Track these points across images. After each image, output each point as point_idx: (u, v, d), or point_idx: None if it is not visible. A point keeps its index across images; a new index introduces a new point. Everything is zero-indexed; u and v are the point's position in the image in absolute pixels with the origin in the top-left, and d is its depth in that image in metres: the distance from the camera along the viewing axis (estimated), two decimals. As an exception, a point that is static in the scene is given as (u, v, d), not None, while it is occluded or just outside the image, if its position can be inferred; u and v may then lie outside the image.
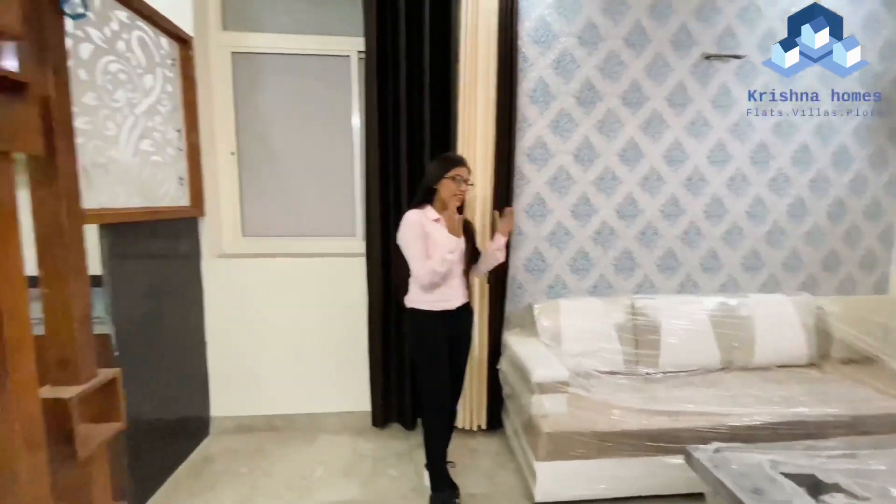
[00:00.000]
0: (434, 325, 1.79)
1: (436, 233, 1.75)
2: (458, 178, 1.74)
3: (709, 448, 1.53)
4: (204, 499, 1.86)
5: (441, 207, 1.80)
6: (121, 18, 1.72)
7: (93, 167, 1.60)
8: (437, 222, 1.77)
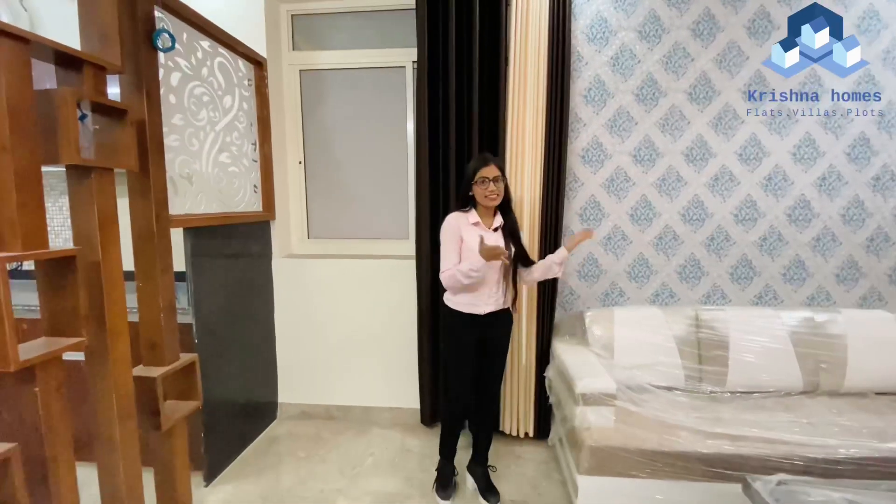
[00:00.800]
0: (462, 327, 1.80)
1: (470, 236, 1.73)
2: (484, 179, 1.71)
3: (772, 479, 1.38)
4: (268, 477, 2.05)
5: (484, 210, 1.79)
6: (204, 47, 1.96)
7: (179, 178, 1.85)
8: (477, 226, 1.76)
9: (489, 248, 1.58)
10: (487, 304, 1.78)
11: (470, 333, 1.81)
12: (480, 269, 1.66)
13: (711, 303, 2.35)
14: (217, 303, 2.11)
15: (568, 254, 1.81)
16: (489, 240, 1.71)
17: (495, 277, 1.77)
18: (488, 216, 1.80)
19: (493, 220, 1.80)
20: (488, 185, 1.71)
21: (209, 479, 2.02)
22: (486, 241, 1.64)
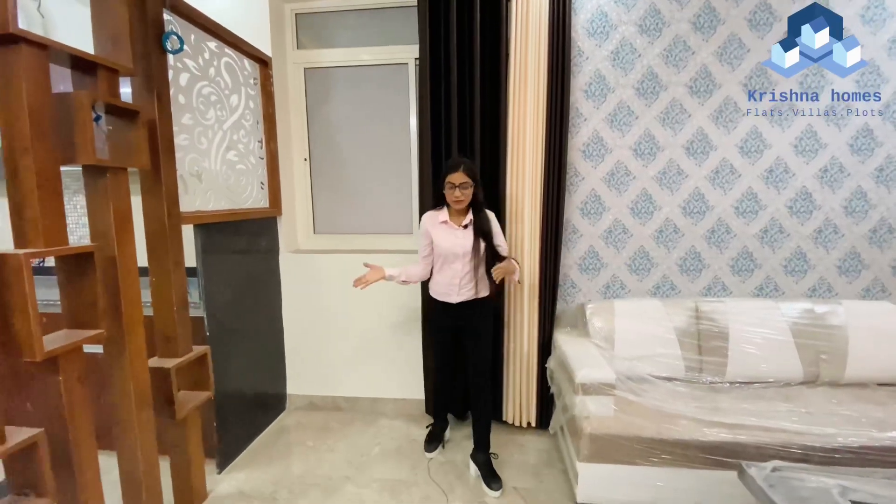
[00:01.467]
0: (437, 313, 2.05)
1: (437, 232, 1.94)
2: (450, 185, 1.85)
3: (766, 465, 1.41)
4: (278, 465, 2.12)
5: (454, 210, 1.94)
6: (211, 48, 2.01)
7: (189, 176, 1.91)
8: (445, 224, 1.94)
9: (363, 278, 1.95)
10: (459, 295, 1.94)
11: (445, 319, 2.03)
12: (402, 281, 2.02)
13: (712, 295, 2.37)
14: (227, 297, 2.18)
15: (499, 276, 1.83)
16: (456, 237, 1.92)
17: (460, 270, 1.92)
18: (459, 214, 1.94)
19: (463, 218, 1.94)
20: (454, 190, 1.85)
21: (222, 466, 2.09)
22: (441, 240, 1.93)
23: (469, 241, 1.90)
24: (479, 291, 1.96)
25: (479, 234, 1.90)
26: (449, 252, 1.92)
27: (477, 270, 1.93)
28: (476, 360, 2.00)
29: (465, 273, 1.92)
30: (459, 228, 1.93)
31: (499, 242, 1.96)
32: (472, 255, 1.90)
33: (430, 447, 2.19)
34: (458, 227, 1.93)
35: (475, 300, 1.96)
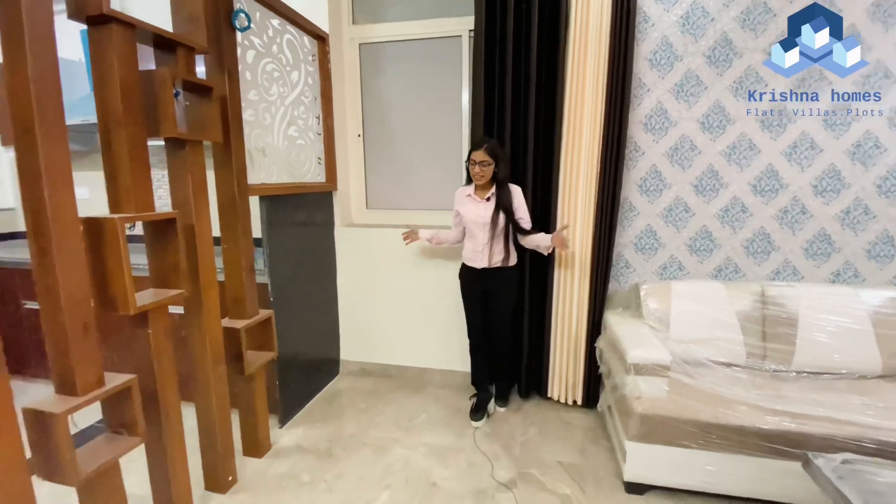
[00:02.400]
0: (464, 277, 2.24)
1: (463, 205, 2.16)
2: (472, 161, 2.04)
3: (836, 457, 1.34)
4: (332, 424, 2.26)
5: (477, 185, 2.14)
6: (274, 25, 2.08)
7: (255, 151, 2.01)
8: (469, 197, 2.15)
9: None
10: (480, 261, 2.13)
11: (471, 283, 2.22)
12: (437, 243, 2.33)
13: (782, 280, 2.22)
14: (288, 266, 2.30)
15: (549, 243, 2.03)
16: (478, 209, 2.11)
17: (483, 238, 2.10)
18: (482, 189, 2.12)
19: (486, 192, 2.11)
20: (475, 167, 2.03)
21: (283, 421, 2.26)
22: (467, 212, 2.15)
23: (489, 212, 2.06)
24: (504, 259, 2.13)
25: (499, 207, 2.06)
26: (472, 222, 2.12)
27: (497, 240, 2.09)
28: (496, 322, 2.23)
29: (486, 241, 2.09)
30: (482, 201, 2.11)
31: (521, 216, 2.10)
32: (491, 225, 2.06)
33: (475, 416, 2.26)
34: (482, 200, 2.11)
35: (500, 268, 2.14)
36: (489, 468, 1.92)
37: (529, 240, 2.11)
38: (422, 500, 1.73)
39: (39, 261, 1.12)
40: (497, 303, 2.21)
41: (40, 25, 1.04)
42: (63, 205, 1.12)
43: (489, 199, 2.09)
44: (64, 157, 1.12)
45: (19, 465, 1.04)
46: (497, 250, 2.11)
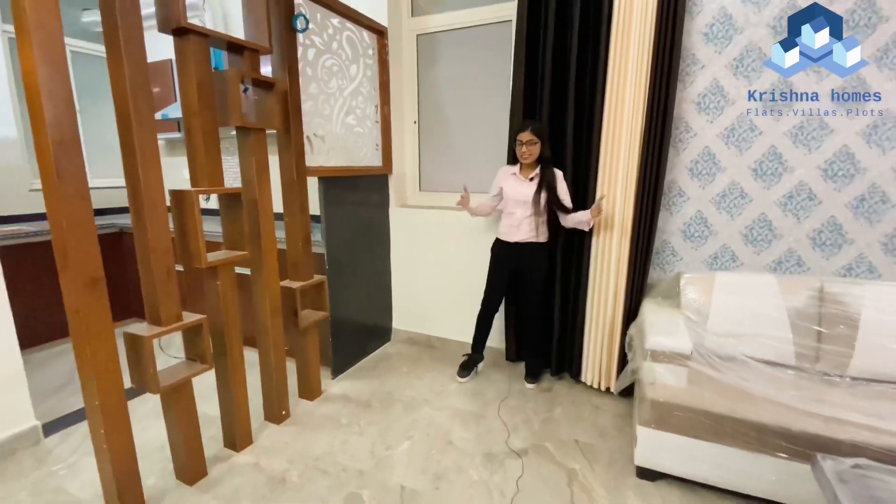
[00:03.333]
0: (499, 249, 2.39)
1: (507, 183, 2.30)
2: (520, 142, 2.17)
3: (847, 461, 1.24)
4: (375, 381, 2.53)
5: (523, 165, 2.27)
6: (334, 24, 2.34)
7: (314, 137, 2.30)
8: (514, 175, 2.29)
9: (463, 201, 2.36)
10: (517, 235, 2.29)
11: (503, 255, 2.36)
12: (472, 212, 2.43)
13: (855, 277, 1.97)
14: (344, 240, 2.60)
15: (589, 216, 2.13)
16: (521, 187, 2.25)
17: (521, 215, 2.26)
18: (528, 169, 2.26)
19: (531, 172, 2.24)
20: (522, 147, 2.17)
21: (334, 374, 2.59)
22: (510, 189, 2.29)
23: (532, 190, 2.22)
24: (537, 236, 2.28)
25: (542, 186, 2.20)
26: (513, 199, 2.27)
27: (535, 217, 2.24)
28: (529, 296, 2.37)
29: (525, 217, 2.25)
30: (526, 181, 2.25)
31: (562, 197, 2.22)
32: (533, 203, 2.21)
33: (462, 373, 2.50)
34: (526, 179, 2.25)
35: (532, 243, 2.29)
36: (505, 436, 2.03)
37: (570, 218, 2.21)
38: (436, 453, 1.91)
39: (136, 221, 1.49)
40: (530, 279, 2.35)
41: (133, 38, 1.36)
42: (152, 179, 1.47)
43: (533, 178, 2.23)
44: (153, 141, 1.46)
45: (114, 367, 1.42)
46: (533, 227, 2.26)
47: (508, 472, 1.79)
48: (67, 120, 1.26)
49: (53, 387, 2.46)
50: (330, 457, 1.88)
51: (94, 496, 1.64)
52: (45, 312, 2.84)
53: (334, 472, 1.80)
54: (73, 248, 1.29)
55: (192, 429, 1.72)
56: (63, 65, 1.24)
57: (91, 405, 1.42)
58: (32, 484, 1.74)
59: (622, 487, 1.72)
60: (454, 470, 1.81)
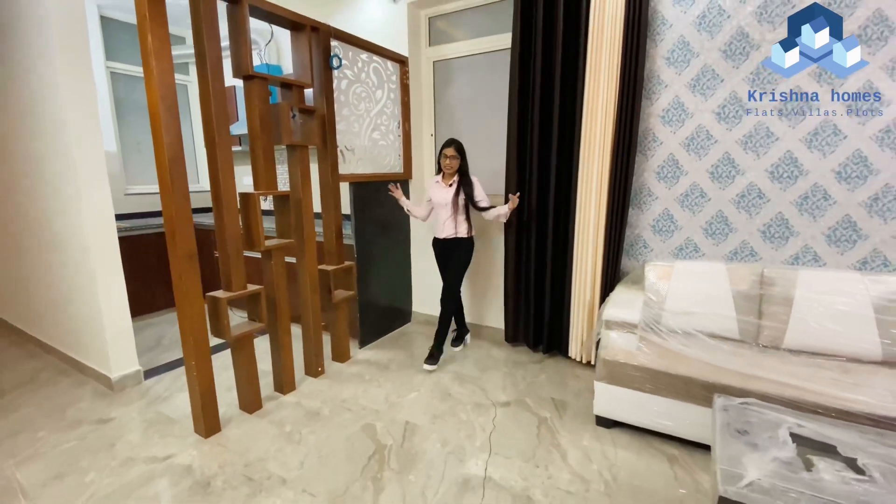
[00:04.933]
0: (435, 246, 2.93)
1: (432, 189, 2.83)
2: (445, 155, 2.70)
3: (737, 399, 1.60)
4: (394, 352, 3.05)
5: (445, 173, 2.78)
6: (362, 58, 2.89)
7: (346, 151, 2.86)
8: (437, 184, 2.81)
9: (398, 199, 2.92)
10: (443, 232, 2.82)
11: (438, 249, 2.92)
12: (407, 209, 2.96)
13: (802, 265, 2.26)
14: (371, 234, 3.14)
15: (507, 211, 2.66)
16: (443, 192, 2.76)
17: (444, 215, 2.78)
18: (449, 177, 2.77)
19: (451, 180, 2.76)
20: (447, 159, 2.70)
21: (361, 345, 3.13)
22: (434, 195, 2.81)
23: (451, 195, 2.73)
24: (457, 232, 2.80)
25: (459, 191, 2.74)
26: (438, 203, 2.78)
27: (456, 216, 2.77)
28: (451, 279, 2.86)
29: (448, 217, 2.77)
30: (447, 187, 2.76)
31: (480, 198, 2.75)
32: (452, 204, 2.73)
33: (430, 361, 2.79)
34: (447, 186, 2.77)
35: (455, 238, 2.81)
36: (493, 393, 2.48)
37: (489, 214, 2.73)
38: (437, 401, 2.39)
39: (217, 216, 2.08)
40: (454, 264, 2.84)
41: (216, 78, 1.95)
42: (227, 183, 2.05)
43: (452, 185, 2.75)
44: (229, 157, 2.05)
45: (201, 318, 2.02)
46: (454, 224, 2.77)
47: (490, 416, 2.24)
48: (176, 144, 1.86)
49: (147, 347, 3.16)
50: (353, 400, 2.41)
51: (184, 416, 2.25)
52: (137, 293, 3.58)
53: (356, 409, 2.32)
54: (179, 232, 1.89)
55: (252, 371, 2.29)
56: (175, 108, 1.84)
57: (187, 343, 2.01)
58: (139, 409, 2.38)
59: (582, 431, 2.12)
60: (448, 413, 2.28)
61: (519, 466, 1.88)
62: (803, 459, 1.28)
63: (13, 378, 2.75)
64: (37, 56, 2.40)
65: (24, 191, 2.86)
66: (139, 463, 1.93)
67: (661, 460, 1.91)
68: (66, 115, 2.31)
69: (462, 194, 2.73)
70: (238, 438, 2.10)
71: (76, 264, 2.58)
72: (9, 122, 2.80)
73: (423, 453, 1.97)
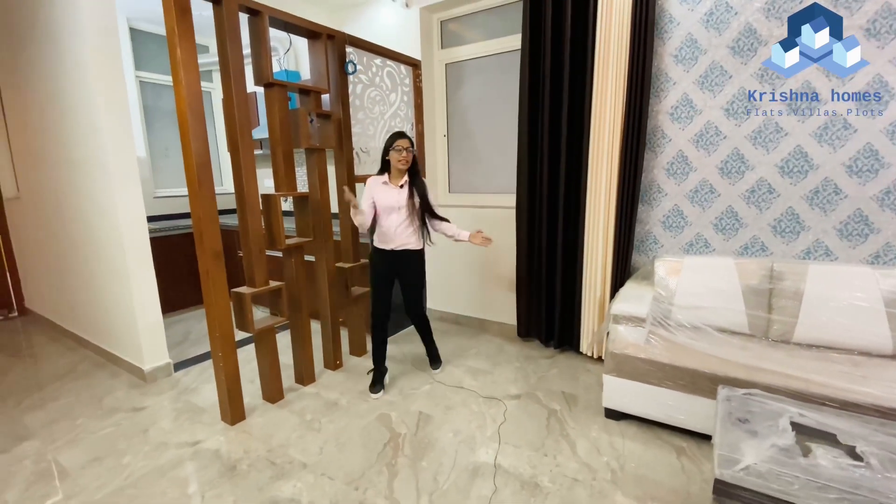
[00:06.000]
0: (376, 259, 2.48)
1: (378, 193, 2.37)
2: (398, 148, 2.30)
3: (741, 390, 1.63)
4: (408, 346, 3.14)
5: (395, 173, 2.38)
6: (377, 63, 2.99)
7: (361, 152, 2.96)
8: (384, 185, 2.38)
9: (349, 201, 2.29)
10: (392, 243, 2.41)
11: (383, 264, 2.46)
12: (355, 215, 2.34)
13: (814, 259, 2.26)
14: (385, 232, 3.23)
15: (466, 240, 2.43)
16: (394, 194, 2.36)
17: (396, 221, 2.38)
18: (398, 177, 2.38)
19: (401, 179, 2.38)
20: (401, 152, 2.31)
21: (377, 340, 3.23)
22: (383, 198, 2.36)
23: (404, 197, 2.36)
24: (412, 242, 2.43)
25: (413, 192, 2.38)
26: (387, 206, 2.36)
27: (409, 223, 2.39)
28: (412, 297, 2.53)
29: (400, 223, 2.38)
30: (397, 188, 2.37)
31: (432, 202, 2.45)
32: (408, 207, 2.36)
33: (375, 388, 2.47)
34: (396, 186, 2.38)
35: (408, 250, 2.43)
36: (505, 387, 2.54)
37: (439, 224, 2.47)
38: (450, 394, 2.47)
39: (241, 216, 2.20)
40: (409, 282, 2.49)
41: (239, 86, 2.07)
42: (250, 186, 2.17)
43: (403, 186, 2.37)
44: (252, 160, 2.17)
45: (227, 312, 2.14)
46: (408, 233, 2.40)
47: (501, 408, 2.31)
48: (203, 150, 1.99)
49: (175, 341, 3.33)
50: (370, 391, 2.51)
51: (211, 405, 2.39)
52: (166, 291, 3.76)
53: (372, 400, 2.42)
54: (206, 231, 2.02)
55: (274, 363, 2.41)
56: (202, 115, 1.97)
57: (214, 337, 2.14)
58: (170, 398, 2.53)
59: (591, 423, 2.17)
60: (460, 404, 2.36)
61: (528, 455, 1.94)
62: (801, 446, 1.32)
63: (53, 370, 2.94)
64: (73, 65, 2.57)
65: (61, 193, 3.06)
66: (171, 447, 2.07)
67: (669, 451, 1.95)
68: (100, 121, 2.48)
69: (416, 197, 2.38)
70: (262, 426, 2.22)
71: (110, 263, 2.76)
72: (49, 128, 3.00)
73: (435, 442, 2.05)
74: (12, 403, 2.53)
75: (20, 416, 2.39)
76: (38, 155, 3.23)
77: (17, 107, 3.36)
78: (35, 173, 3.37)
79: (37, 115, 3.10)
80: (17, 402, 2.54)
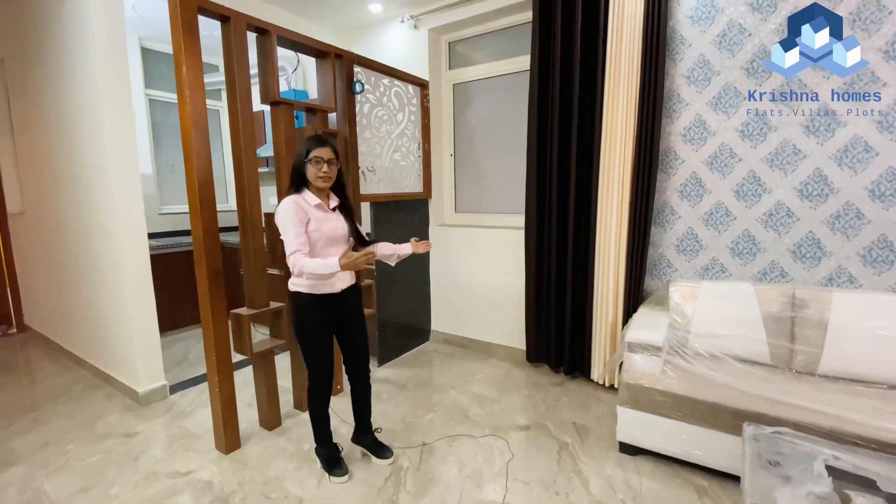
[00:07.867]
0: (316, 310, 1.76)
1: (318, 218, 1.73)
2: (318, 159, 1.70)
3: (768, 427, 1.53)
4: (412, 371, 3.03)
5: (317, 190, 1.77)
6: (384, 83, 2.97)
7: (367, 171, 2.92)
8: (319, 207, 1.74)
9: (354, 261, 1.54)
10: (342, 283, 1.81)
11: (325, 313, 1.79)
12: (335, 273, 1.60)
13: (836, 286, 2.16)
14: (390, 252, 3.17)
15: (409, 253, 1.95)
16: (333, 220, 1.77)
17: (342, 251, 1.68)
18: (324, 197, 1.78)
19: (329, 201, 1.81)
20: (322, 165, 1.69)
21: (380, 363, 3.13)
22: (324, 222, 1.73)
23: (344, 223, 1.81)
24: (353, 278, 1.90)
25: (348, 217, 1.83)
26: (331, 235, 1.75)
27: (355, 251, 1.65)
28: (358, 348, 1.96)
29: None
30: (330, 212, 1.79)
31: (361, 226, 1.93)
32: (352, 237, 1.80)
33: (340, 472, 1.92)
34: (329, 210, 1.79)
35: (354, 286, 1.90)
36: (513, 416, 2.43)
37: (379, 248, 1.96)
38: (454, 422, 2.36)
39: (242, 234, 2.15)
40: (360, 331, 1.95)
41: (245, 105, 2.04)
42: (253, 204, 2.12)
43: (335, 209, 1.82)
44: (255, 178, 2.12)
45: (225, 333, 2.06)
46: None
47: (510, 440, 2.20)
48: (206, 168, 1.95)
49: (174, 362, 3.24)
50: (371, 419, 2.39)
51: (206, 431, 2.29)
52: (167, 309, 3.70)
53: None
54: (206, 250, 1.96)
55: (272, 388, 2.32)
56: (206, 134, 1.93)
57: (210, 359, 2.06)
58: (164, 422, 2.43)
59: (604, 458, 2.05)
60: (466, 436, 2.25)
61: (539, 494, 1.82)
62: (840, 495, 1.21)
63: (48, 390, 2.86)
64: (81, 82, 2.57)
65: (64, 209, 3.03)
66: (161, 477, 1.96)
67: (689, 491, 1.82)
68: (105, 138, 2.46)
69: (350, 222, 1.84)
70: (257, 455, 2.11)
71: (109, 281, 2.70)
72: (55, 144, 2.99)
73: (439, 476, 1.94)
74: (2, 425, 2.44)
75: (9, 439, 2.31)
76: (44, 171, 3.22)
77: (26, 123, 3.37)
78: (40, 189, 3.35)
79: (44, 131, 3.10)
80: (7, 424, 2.45)
